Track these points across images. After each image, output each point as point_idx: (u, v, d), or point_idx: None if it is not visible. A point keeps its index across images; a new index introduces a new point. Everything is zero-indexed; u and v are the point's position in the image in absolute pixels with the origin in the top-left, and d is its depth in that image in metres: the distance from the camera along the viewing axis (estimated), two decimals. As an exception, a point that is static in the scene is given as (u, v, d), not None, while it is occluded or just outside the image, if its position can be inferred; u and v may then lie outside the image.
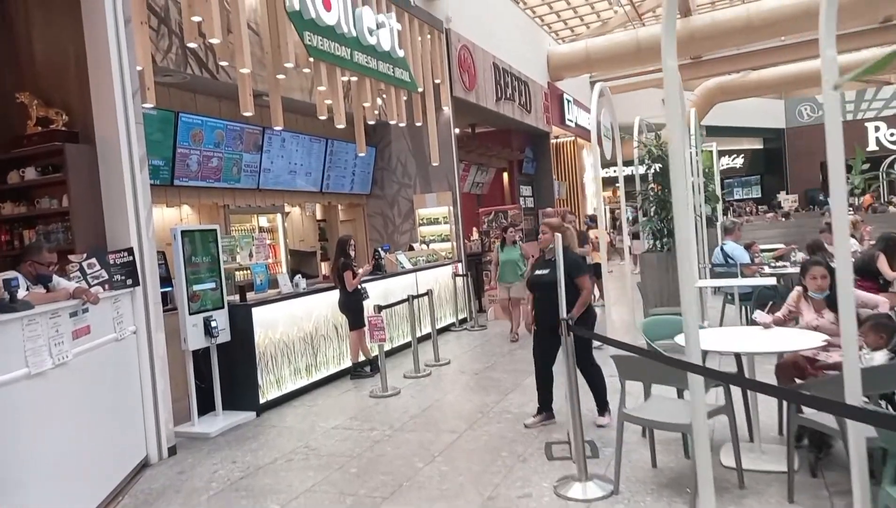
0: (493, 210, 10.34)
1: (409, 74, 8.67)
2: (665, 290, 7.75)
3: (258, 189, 8.27)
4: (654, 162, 7.97)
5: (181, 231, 5.33)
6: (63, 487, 3.48)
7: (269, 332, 5.98)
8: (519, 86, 13.35)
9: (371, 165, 10.67)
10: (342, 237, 7.03)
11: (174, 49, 6.52)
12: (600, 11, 18.56)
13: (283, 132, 8.52)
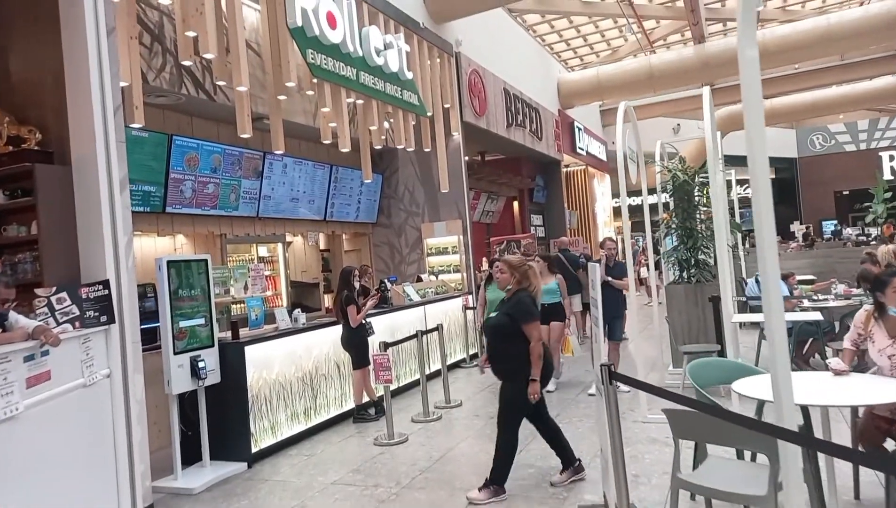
0: (506, 239, 9.85)
1: (417, 97, 8.27)
2: (693, 324, 7.18)
3: (257, 217, 7.81)
4: (678, 189, 7.45)
5: (167, 261, 4.84)
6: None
7: (264, 372, 5.43)
8: (530, 112, 12.98)
9: (377, 193, 10.22)
10: (346, 268, 6.52)
11: (168, 68, 6.13)
12: (611, 40, 18.33)
13: (284, 158, 8.10)
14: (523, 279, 4.13)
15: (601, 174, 20.18)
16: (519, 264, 4.19)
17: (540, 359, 3.88)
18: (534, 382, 3.86)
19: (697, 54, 14.49)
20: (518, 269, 4.16)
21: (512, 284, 4.16)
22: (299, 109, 7.92)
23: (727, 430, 2.61)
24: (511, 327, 3.92)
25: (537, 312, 4.05)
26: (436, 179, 10.00)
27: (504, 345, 3.99)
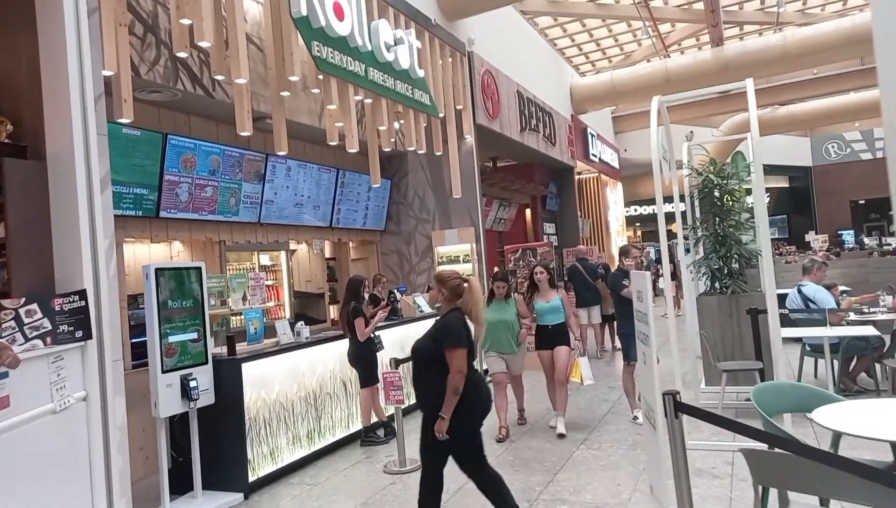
0: (520, 247, 9.34)
1: (429, 96, 7.81)
2: (728, 338, 6.64)
3: (259, 223, 7.33)
4: (709, 193, 6.93)
5: (156, 269, 4.36)
6: None
7: (263, 392, 4.93)
8: (543, 117, 12.52)
9: (386, 199, 9.75)
10: (354, 278, 6.03)
11: (163, 61, 5.68)
12: (624, 44, 17.89)
13: (288, 160, 7.64)
14: (453, 297, 3.43)
15: (613, 182, 19.69)
16: (449, 279, 3.48)
17: (456, 394, 3.20)
18: (441, 420, 3.19)
19: (715, 57, 14.02)
20: (447, 284, 3.46)
21: (441, 302, 3.50)
22: (304, 109, 7.47)
23: (833, 480, 2.08)
24: (434, 352, 3.29)
25: (465, 338, 3.32)
26: (447, 184, 9.52)
27: (426, 373, 3.35)
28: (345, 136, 6.56)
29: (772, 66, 13.69)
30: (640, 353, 3.17)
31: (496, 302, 5.75)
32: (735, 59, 13.82)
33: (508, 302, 5.78)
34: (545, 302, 5.75)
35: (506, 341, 5.69)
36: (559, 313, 5.75)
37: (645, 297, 2.93)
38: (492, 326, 5.52)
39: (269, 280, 7.84)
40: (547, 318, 5.74)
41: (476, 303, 3.43)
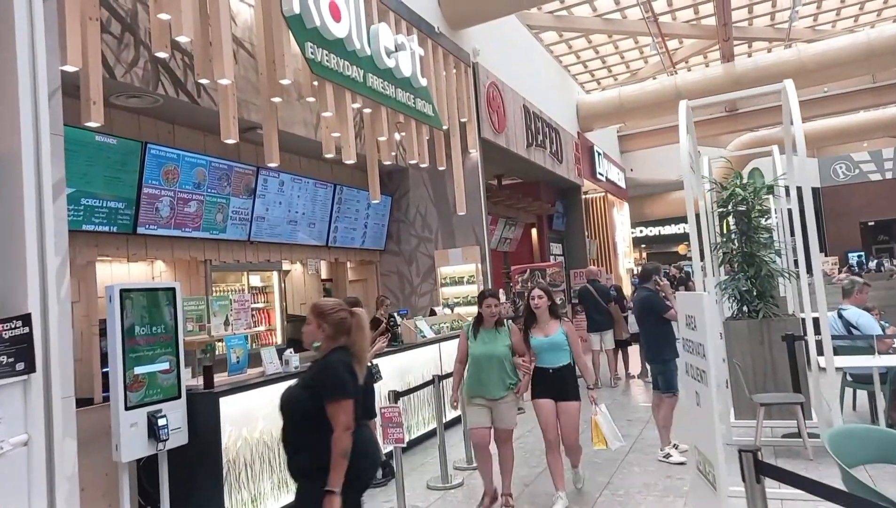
0: (528, 268, 8.81)
1: (432, 107, 7.34)
2: (759, 367, 6.05)
3: (249, 241, 6.81)
4: (736, 210, 6.41)
5: (121, 290, 3.81)
6: None
7: (245, 430, 4.35)
8: (550, 133, 12.07)
9: (386, 217, 9.24)
10: (347, 300, 5.47)
11: (142, 63, 5.21)
12: (630, 62, 17.55)
13: (281, 174, 7.14)
14: (337, 333, 2.70)
15: (620, 202, 19.21)
16: (331, 311, 2.73)
17: (344, 457, 2.47)
18: (331, 495, 2.43)
19: (727, 73, 13.62)
20: (328, 317, 2.71)
21: (320, 340, 2.74)
22: (299, 119, 7.00)
23: None
24: (309, 404, 2.56)
25: (351, 386, 2.57)
26: (451, 201, 9.03)
27: (299, 430, 2.64)
28: (341, 147, 6.07)
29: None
30: (692, 391, 2.61)
31: (485, 331, 4.36)
32: (747, 74, 13.42)
33: (500, 331, 4.35)
34: (543, 336, 4.32)
35: (494, 382, 4.22)
36: (563, 351, 4.31)
37: (700, 323, 2.38)
38: (477, 362, 4.26)
39: (259, 303, 7.30)
40: (547, 358, 4.31)
41: (364, 339, 2.76)
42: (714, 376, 2.28)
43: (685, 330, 2.62)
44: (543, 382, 4.33)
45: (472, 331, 4.39)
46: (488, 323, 4.36)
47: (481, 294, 4.47)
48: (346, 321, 2.73)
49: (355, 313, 2.79)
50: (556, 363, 4.29)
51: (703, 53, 17.01)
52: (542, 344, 4.30)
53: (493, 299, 4.39)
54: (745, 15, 14.67)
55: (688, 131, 4.97)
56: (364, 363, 2.77)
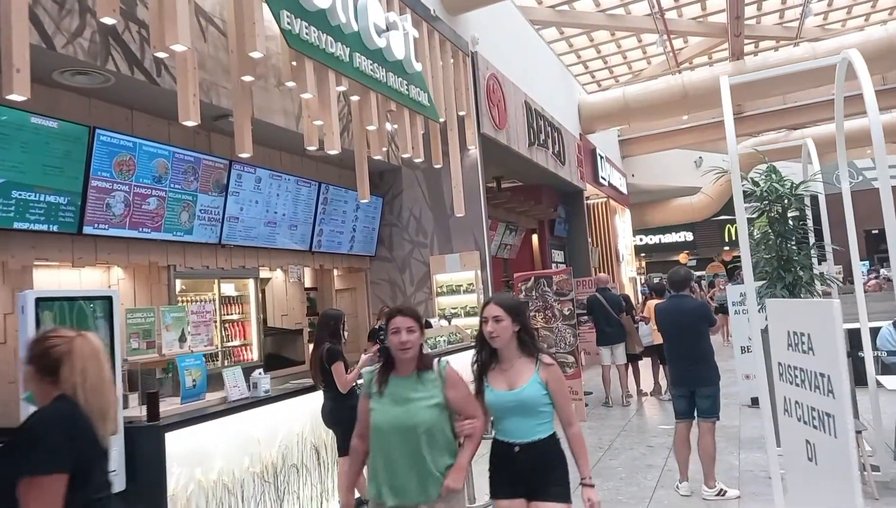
0: (532, 275, 8.03)
1: (427, 96, 6.59)
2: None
3: (220, 245, 6.02)
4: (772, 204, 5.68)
5: (37, 299, 3.03)
6: None
7: (199, 470, 3.55)
8: (552, 132, 11.35)
9: (377, 220, 8.46)
10: (329, 312, 4.70)
11: (88, 33, 4.44)
12: (633, 62, 16.94)
13: (258, 169, 6.37)
14: (45, 372, 1.74)
15: (622, 208, 18.52)
16: (39, 341, 1.80)
17: None
18: None
19: (737, 70, 12.94)
20: (35, 348, 1.78)
21: (30, 386, 1.78)
22: (278, 108, 6.24)
23: None
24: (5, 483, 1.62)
25: (65, 454, 1.64)
26: (448, 202, 8.27)
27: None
28: (324, 136, 5.31)
29: (798, 80, 12.62)
30: (797, 440, 1.84)
31: (398, 381, 2.48)
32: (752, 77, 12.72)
33: (425, 378, 2.46)
34: (506, 388, 2.52)
35: (412, 476, 2.40)
36: (539, 415, 2.50)
37: (823, 345, 1.62)
38: (381, 439, 2.44)
39: (233, 315, 6.51)
40: (512, 426, 2.51)
41: (92, 375, 1.75)
42: (849, 422, 1.52)
43: (785, 353, 1.87)
44: (506, 467, 2.53)
45: (376, 382, 2.49)
46: (403, 365, 2.45)
47: (389, 313, 2.54)
48: (55, 350, 1.74)
49: (76, 338, 1.78)
50: (527, 434, 2.47)
51: (709, 54, 16.42)
52: (505, 402, 2.47)
53: (404, 318, 2.45)
54: (753, 12, 14.07)
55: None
56: (106, 414, 1.77)
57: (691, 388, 4.60)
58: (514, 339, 2.51)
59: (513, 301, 2.58)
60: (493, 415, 2.55)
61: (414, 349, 2.42)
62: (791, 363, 1.82)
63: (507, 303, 2.52)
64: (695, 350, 4.61)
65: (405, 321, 2.41)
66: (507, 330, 2.48)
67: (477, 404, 2.52)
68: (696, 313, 4.67)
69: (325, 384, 4.36)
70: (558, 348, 7.66)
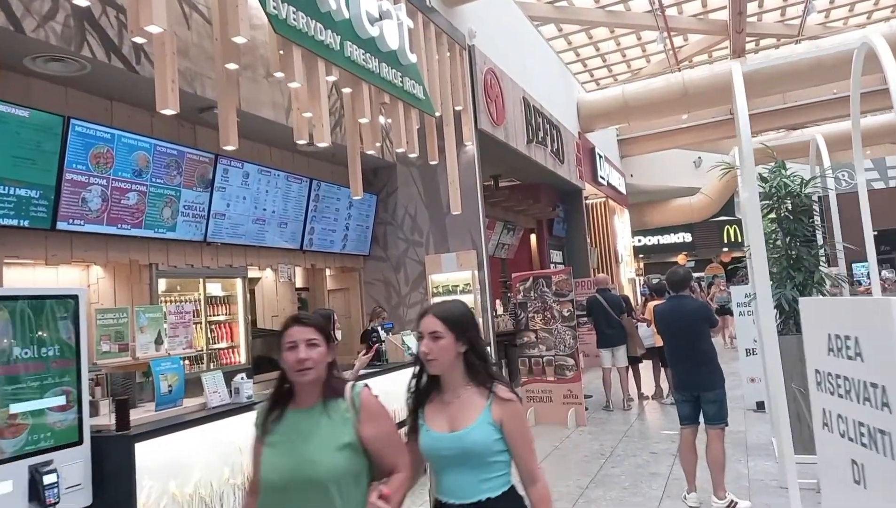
0: (531, 275, 7.79)
1: (423, 88, 6.35)
2: (813, 393, 5.05)
3: (205, 242, 5.77)
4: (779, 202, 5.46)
5: (-8, 299, 2.78)
6: None
7: (173, 483, 3.29)
8: (551, 130, 11.11)
9: (370, 218, 8.22)
10: (320, 312, 4.46)
11: (61, 17, 4.19)
12: (631, 60, 16.73)
13: (246, 164, 6.12)
14: None
15: (621, 209, 18.30)
16: None
17: None
18: None
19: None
20: None
21: None
22: (266, 100, 5.99)
23: None
24: None
25: None
26: (444, 200, 8.03)
27: None
28: (314, 128, 5.07)
29: (801, 78, 12.41)
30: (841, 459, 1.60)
31: (295, 412, 1.85)
32: (759, 71, 12.53)
33: (332, 409, 1.83)
34: (447, 429, 1.85)
35: None
36: (491, 465, 1.83)
37: (877, 349, 1.38)
38: (273, 496, 1.81)
39: (220, 316, 6.26)
40: (450, 482, 1.85)
41: None
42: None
43: (825, 359, 1.63)
44: None
45: (263, 417, 1.88)
46: (304, 393, 1.85)
47: (284, 323, 1.89)
48: None
49: None
50: (472, 493, 1.81)
51: (709, 52, 16.22)
52: (444, 449, 1.83)
53: (303, 328, 1.83)
54: (754, 9, 13.87)
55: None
56: None
57: (694, 392, 4.36)
58: (460, 362, 1.84)
59: (458, 312, 1.88)
60: (431, 465, 1.90)
61: (317, 370, 1.78)
62: (833, 370, 1.59)
63: (450, 315, 1.85)
64: (696, 352, 4.37)
65: (304, 332, 1.79)
66: (447, 351, 1.81)
67: (402, 447, 1.88)
68: (696, 313, 4.43)
69: None
70: (558, 350, 7.43)
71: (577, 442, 6.42)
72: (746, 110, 4.04)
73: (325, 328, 1.87)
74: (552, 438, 6.64)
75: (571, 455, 5.95)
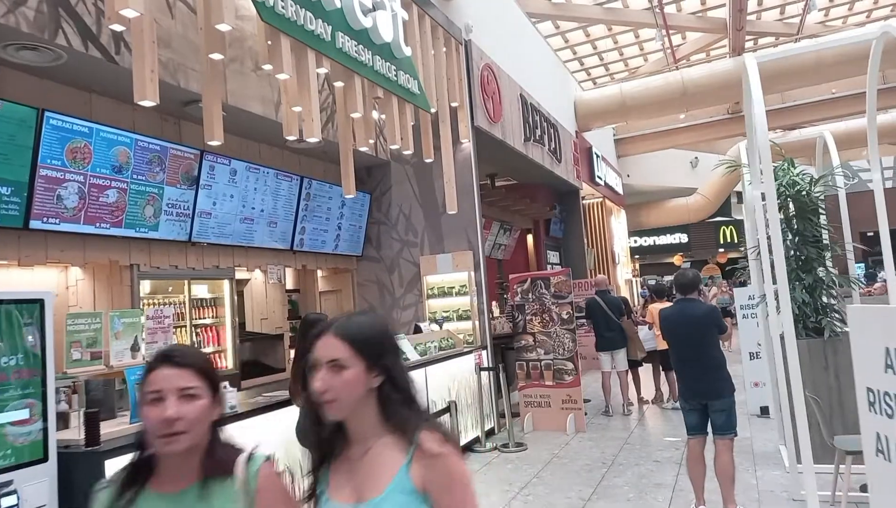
0: (529, 277, 7.58)
1: (417, 83, 6.13)
2: (824, 397, 4.85)
3: (190, 242, 5.52)
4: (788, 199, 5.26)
5: (-55, 304, 2.53)
6: None
7: (148, 503, 3.05)
8: (548, 128, 10.90)
9: (364, 217, 7.98)
10: (309, 316, 4.21)
11: (34, 3, 3.94)
12: (629, 59, 16.56)
13: (233, 161, 5.88)
14: None
15: (618, 209, 18.12)
16: None
17: None
18: None
19: (737, 66, 12.55)
20: None
21: None
22: (255, 95, 5.75)
23: None
24: None
25: None
26: (440, 199, 7.81)
27: None
28: (303, 123, 4.83)
29: (802, 77, 12.24)
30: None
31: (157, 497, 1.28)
32: (762, 68, 12.34)
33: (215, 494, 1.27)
34: (352, 500, 1.24)
35: None
36: None
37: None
38: None
39: (206, 319, 6.01)
40: None
41: None
42: None
43: (882, 376, 1.41)
44: None
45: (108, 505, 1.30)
46: (171, 468, 1.29)
47: (148, 365, 1.32)
48: None
49: None
50: None
51: (707, 51, 16.06)
52: None
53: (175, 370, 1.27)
54: (753, 7, 13.70)
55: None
56: None
57: (702, 401, 4.15)
58: (372, 401, 1.27)
59: (369, 329, 1.30)
60: None
61: (193, 435, 1.24)
62: (892, 390, 1.38)
63: (358, 333, 1.27)
64: (705, 359, 4.16)
65: (175, 378, 1.24)
66: (352, 387, 1.24)
67: None
68: (706, 318, 4.21)
69: (302, 398, 3.88)
70: (556, 353, 7.22)
71: (578, 450, 6.21)
72: (762, 101, 3.85)
73: (207, 369, 1.30)
74: (551, 445, 6.42)
75: (572, 463, 5.73)
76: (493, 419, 7.16)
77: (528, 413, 7.27)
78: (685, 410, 4.27)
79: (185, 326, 5.67)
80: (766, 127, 3.71)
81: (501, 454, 6.28)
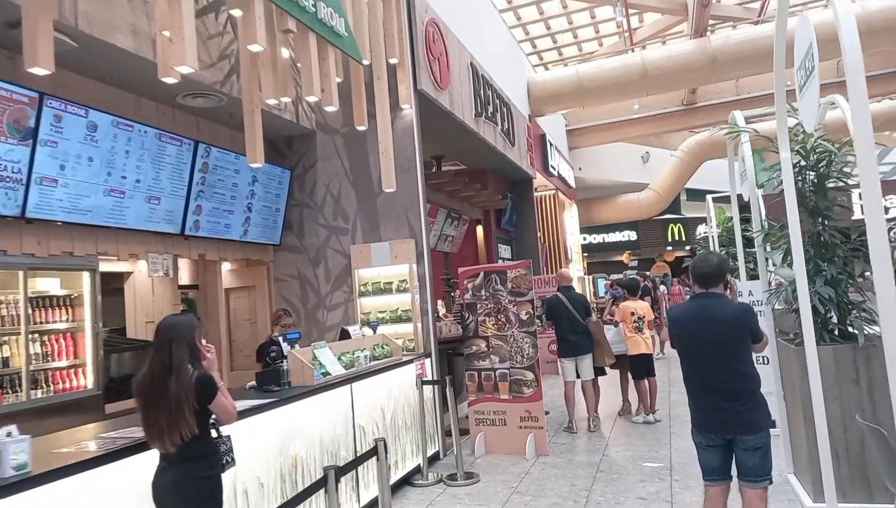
0: (481, 270, 6.38)
1: (345, 23, 4.82)
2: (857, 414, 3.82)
3: (24, 219, 4.03)
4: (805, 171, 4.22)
5: None
6: None
7: None
8: (501, 107, 9.76)
9: (282, 198, 6.59)
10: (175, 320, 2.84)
11: None
12: (583, 42, 15.65)
13: (91, 111, 4.40)
14: None
15: (570, 203, 17.24)
16: None
17: None
18: None
19: (701, 48, 11.76)
20: None
21: None
22: (122, 24, 4.32)
23: None
24: None
25: None
26: (375, 177, 6.52)
27: None
28: (174, 50, 3.46)
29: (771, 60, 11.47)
30: None
31: None
32: (723, 50, 11.61)
33: None
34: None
35: None
36: None
37: None
38: None
39: (58, 322, 4.52)
40: None
41: None
42: None
43: None
44: None
45: None
46: None
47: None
48: None
49: None
50: None
51: (663, 37, 15.32)
52: None
53: None
54: (714, -11, 12.95)
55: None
56: None
57: (727, 435, 3.02)
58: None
59: None
60: None
61: None
62: None
63: None
64: (734, 379, 3.03)
65: None
66: None
67: None
68: (735, 321, 3.06)
69: (175, 436, 2.53)
70: (513, 361, 6.05)
71: (541, 481, 5.04)
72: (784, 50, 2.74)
73: None
74: (508, 475, 5.24)
75: (536, 501, 4.56)
76: (438, 440, 5.95)
77: (479, 433, 6.08)
78: (700, 446, 3.13)
79: (20, 334, 4.18)
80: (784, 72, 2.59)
81: (448, 487, 5.06)
